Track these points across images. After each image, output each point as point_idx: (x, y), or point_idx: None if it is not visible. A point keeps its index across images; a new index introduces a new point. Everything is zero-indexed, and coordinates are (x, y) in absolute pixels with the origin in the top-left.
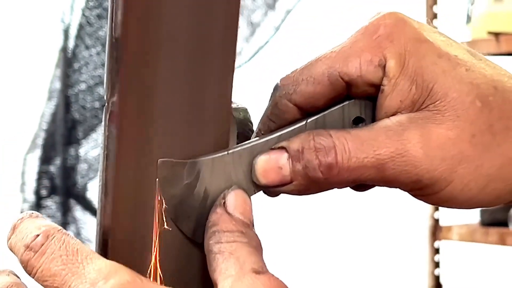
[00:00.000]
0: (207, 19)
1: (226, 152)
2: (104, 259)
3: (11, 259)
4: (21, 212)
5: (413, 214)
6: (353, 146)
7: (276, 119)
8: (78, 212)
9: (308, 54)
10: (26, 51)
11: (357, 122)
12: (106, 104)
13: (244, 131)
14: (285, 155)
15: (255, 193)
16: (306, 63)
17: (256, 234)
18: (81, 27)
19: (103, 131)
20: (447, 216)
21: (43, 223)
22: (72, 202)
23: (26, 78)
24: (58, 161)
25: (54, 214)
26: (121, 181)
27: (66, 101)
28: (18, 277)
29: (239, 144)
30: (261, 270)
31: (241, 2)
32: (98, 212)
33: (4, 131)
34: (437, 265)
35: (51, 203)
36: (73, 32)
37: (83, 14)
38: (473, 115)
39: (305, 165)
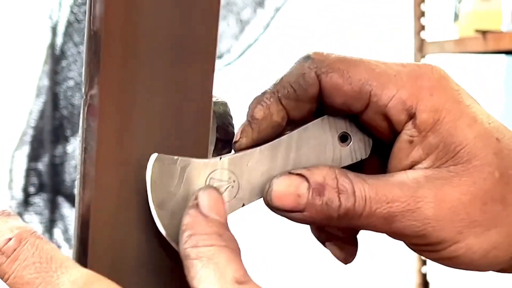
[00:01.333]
0: (188, 10)
1: (219, 158)
2: (80, 268)
3: None
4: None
5: None
6: (369, 195)
7: (297, 87)
8: (66, 209)
9: (297, 51)
10: (14, 48)
11: (344, 139)
12: (85, 97)
13: (223, 125)
14: (306, 184)
15: (248, 203)
16: (346, 56)
17: (233, 235)
18: (69, 24)
19: (81, 124)
20: None
21: (16, 224)
22: (60, 199)
23: (14, 75)
24: (46, 158)
25: (42, 212)
26: (100, 175)
27: (54, 98)
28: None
29: (230, 154)
30: (243, 279)
31: (229, 0)
32: (76, 206)
33: None
34: (424, 262)
35: (39, 200)
36: (61, 29)
37: (71, 11)
38: (489, 185)
39: (326, 202)
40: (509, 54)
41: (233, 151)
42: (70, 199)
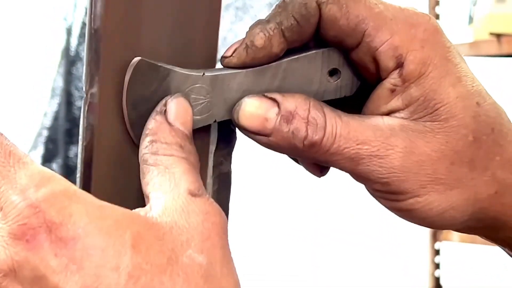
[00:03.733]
0: (189, 8)
1: (201, 74)
2: (39, 165)
3: None
4: None
5: None
6: (340, 133)
7: (301, 19)
8: None
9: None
10: (29, 49)
11: (333, 73)
12: (85, 95)
13: (225, 124)
14: (275, 109)
15: (220, 120)
16: None
17: (195, 150)
18: (84, 25)
19: (81, 123)
20: None
21: None
22: None
23: (29, 76)
24: (60, 159)
25: None
26: (99, 173)
27: (68, 100)
28: None
29: (214, 69)
30: (197, 192)
31: (246, 1)
32: None
33: (7, 129)
34: (437, 266)
35: None
36: (76, 31)
37: (87, 13)
38: (461, 146)
39: (292, 131)
40: None
41: (219, 68)
42: None
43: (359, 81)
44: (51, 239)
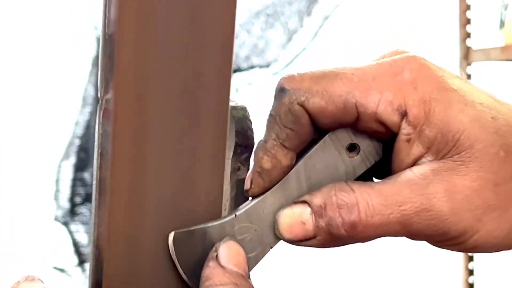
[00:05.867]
0: (203, 13)
1: (233, 215)
2: None
3: None
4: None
5: None
6: (377, 202)
7: (293, 126)
8: None
9: (346, 61)
10: (60, 58)
11: (352, 149)
12: (100, 101)
13: (242, 130)
14: (308, 209)
15: (275, 245)
16: (319, 72)
17: (251, 285)
18: None
19: (97, 129)
20: None
21: (37, 286)
22: None
23: (61, 85)
24: (92, 168)
25: (88, 221)
26: (116, 179)
27: None
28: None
29: (244, 205)
30: None
31: (277, 8)
32: (93, 210)
33: (39, 139)
34: (471, 272)
35: (85, 210)
36: None
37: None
38: (496, 165)
39: (328, 222)
40: None
41: (248, 200)
42: None
43: (380, 143)
44: None
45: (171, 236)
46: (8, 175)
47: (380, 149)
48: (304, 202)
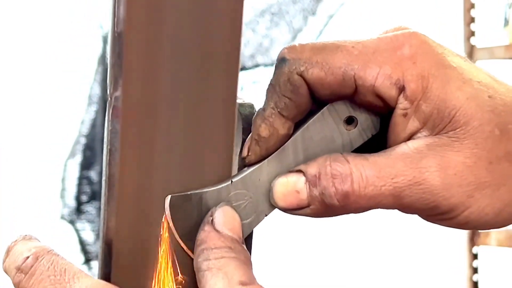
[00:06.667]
0: (210, 12)
1: (230, 182)
2: (91, 278)
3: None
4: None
5: None
6: (370, 173)
7: (291, 95)
8: None
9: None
10: (66, 57)
11: (350, 122)
12: (109, 99)
13: (249, 127)
14: (303, 178)
15: (269, 212)
16: (320, 44)
17: (245, 249)
18: None
19: (106, 126)
20: None
21: (34, 244)
22: None
23: (66, 84)
24: (98, 167)
25: (94, 220)
26: (125, 176)
27: (105, 107)
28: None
29: (240, 172)
30: (248, 281)
31: (282, 7)
32: (102, 207)
33: (45, 137)
34: (475, 270)
35: (91, 209)
36: None
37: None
38: (491, 143)
39: (321, 191)
40: None
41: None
42: None
43: (377, 117)
44: None
45: (167, 200)
46: (14, 173)
47: (378, 123)
48: (299, 171)
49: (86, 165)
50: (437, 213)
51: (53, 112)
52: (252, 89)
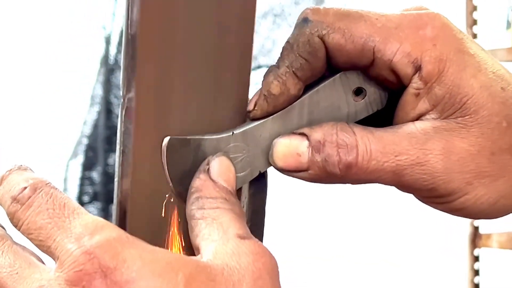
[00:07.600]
0: (223, 13)
1: (231, 133)
2: (91, 215)
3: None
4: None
5: (452, 222)
6: (375, 148)
7: (308, 57)
8: None
9: None
10: (69, 58)
11: (358, 93)
12: (122, 100)
13: None
14: (306, 142)
15: (264, 170)
16: (345, 10)
17: (239, 202)
18: (123, 34)
19: (119, 127)
20: (487, 223)
21: (32, 175)
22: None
23: (69, 85)
24: (100, 167)
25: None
26: (137, 177)
27: (107, 108)
28: (3, 228)
29: (242, 125)
30: (245, 235)
31: (284, 9)
32: (114, 208)
33: (47, 138)
34: (476, 273)
35: (93, 209)
36: (115, 39)
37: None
38: (497, 135)
39: (324, 158)
40: None
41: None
42: None
43: (386, 92)
44: (106, 283)
45: (165, 140)
46: None
47: (385, 99)
48: (303, 134)
49: (88, 165)
50: (434, 196)
51: (55, 112)
52: (255, 90)
